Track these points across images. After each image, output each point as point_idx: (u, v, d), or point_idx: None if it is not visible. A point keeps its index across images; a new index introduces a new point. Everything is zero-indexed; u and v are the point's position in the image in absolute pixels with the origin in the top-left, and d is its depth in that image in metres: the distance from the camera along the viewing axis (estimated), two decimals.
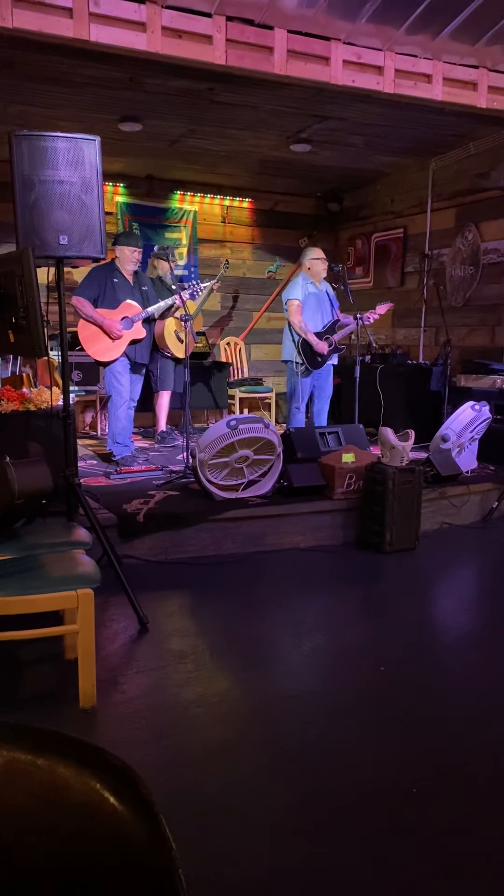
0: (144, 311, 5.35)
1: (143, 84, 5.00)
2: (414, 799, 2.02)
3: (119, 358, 5.27)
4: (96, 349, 5.25)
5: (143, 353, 5.48)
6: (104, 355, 5.27)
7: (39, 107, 5.56)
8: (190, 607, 3.56)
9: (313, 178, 7.88)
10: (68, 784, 0.50)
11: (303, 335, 5.72)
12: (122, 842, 0.48)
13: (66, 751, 0.52)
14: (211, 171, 7.60)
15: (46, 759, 0.51)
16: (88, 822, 0.48)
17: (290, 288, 5.95)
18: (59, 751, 0.52)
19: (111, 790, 0.50)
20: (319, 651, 3.04)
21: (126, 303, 5.32)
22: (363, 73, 4.68)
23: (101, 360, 5.30)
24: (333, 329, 5.81)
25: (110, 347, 5.26)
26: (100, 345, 5.24)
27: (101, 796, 0.49)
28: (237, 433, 4.10)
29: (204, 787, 2.08)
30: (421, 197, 7.33)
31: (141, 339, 5.39)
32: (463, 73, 4.99)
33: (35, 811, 0.49)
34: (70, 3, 3.87)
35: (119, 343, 5.26)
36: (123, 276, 5.35)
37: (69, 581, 2.50)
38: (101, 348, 5.25)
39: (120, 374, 5.31)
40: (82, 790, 0.50)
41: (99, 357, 5.27)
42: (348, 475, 4.43)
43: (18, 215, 3.12)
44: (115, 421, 5.40)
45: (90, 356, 5.30)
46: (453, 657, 3.01)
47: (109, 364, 5.29)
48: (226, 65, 4.30)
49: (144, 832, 0.48)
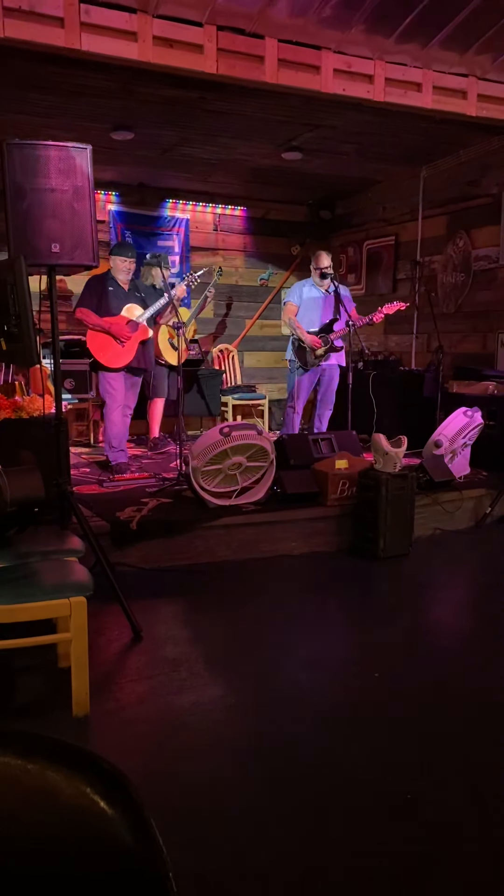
0: (147, 310, 5.43)
1: (134, 93, 5.02)
2: (409, 805, 2.02)
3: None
4: (109, 356, 5.28)
5: (142, 358, 5.49)
6: (117, 361, 5.30)
7: (31, 115, 5.57)
8: (183, 615, 3.56)
9: (305, 185, 7.92)
10: (59, 789, 0.50)
11: (294, 333, 5.89)
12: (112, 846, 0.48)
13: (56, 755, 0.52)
14: (203, 180, 7.62)
15: (36, 764, 0.51)
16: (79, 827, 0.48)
17: (290, 290, 6.22)
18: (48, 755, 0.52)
19: (101, 794, 0.50)
20: (313, 658, 3.03)
21: (128, 307, 5.38)
22: (353, 82, 4.71)
23: (114, 367, 5.31)
24: (329, 328, 5.83)
25: (121, 352, 5.29)
26: (111, 351, 5.27)
27: (91, 801, 0.49)
28: (230, 440, 4.10)
29: (197, 794, 2.07)
30: (412, 204, 7.37)
31: (148, 339, 5.44)
32: (453, 82, 5.03)
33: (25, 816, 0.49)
34: (61, 12, 3.89)
35: (129, 346, 5.30)
36: (119, 284, 5.41)
37: (62, 589, 2.49)
38: (113, 355, 5.28)
39: (113, 379, 5.33)
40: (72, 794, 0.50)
41: (113, 364, 5.30)
42: (341, 481, 4.43)
43: (10, 223, 3.12)
44: (111, 426, 5.43)
45: (104, 364, 5.31)
46: (447, 663, 3.01)
47: (114, 370, 5.31)
48: (217, 73, 4.32)
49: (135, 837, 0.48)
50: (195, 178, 7.58)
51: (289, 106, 5.20)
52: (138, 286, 5.63)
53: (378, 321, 5.74)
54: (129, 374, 5.42)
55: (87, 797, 0.50)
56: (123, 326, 5.28)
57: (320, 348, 5.78)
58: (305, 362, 5.88)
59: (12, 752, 0.51)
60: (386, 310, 5.70)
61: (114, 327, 5.24)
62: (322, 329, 5.84)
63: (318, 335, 5.80)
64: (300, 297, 5.93)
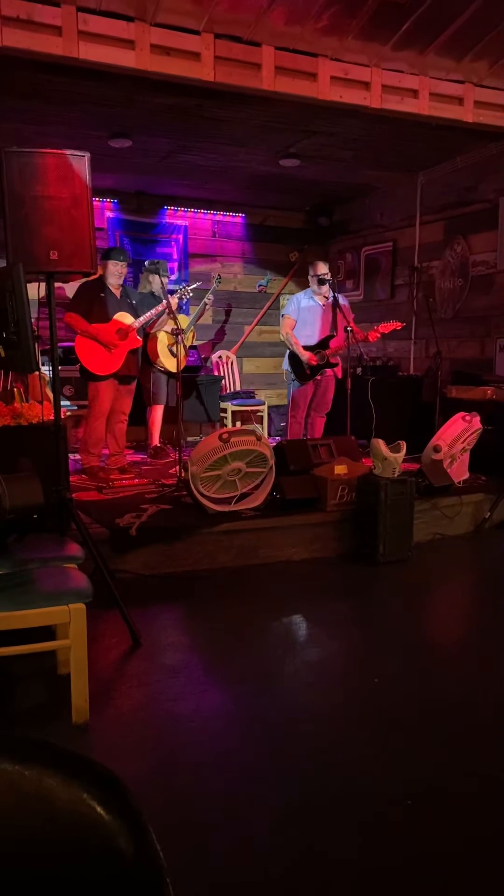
0: (137, 320, 5.44)
1: (132, 101, 5.03)
2: (409, 810, 2.01)
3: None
4: (96, 364, 5.29)
5: (132, 366, 5.51)
6: (105, 368, 5.31)
7: (30, 124, 5.59)
8: (183, 621, 3.55)
9: (303, 192, 7.93)
10: (55, 794, 0.50)
11: (290, 347, 5.90)
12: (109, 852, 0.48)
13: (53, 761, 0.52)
14: (201, 187, 7.64)
15: (33, 770, 0.51)
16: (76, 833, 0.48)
17: (287, 302, 6.26)
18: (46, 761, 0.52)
19: (99, 800, 0.50)
20: (313, 664, 3.03)
21: (119, 314, 5.39)
22: (350, 89, 4.74)
23: (102, 374, 5.32)
24: (326, 343, 5.86)
25: (109, 360, 5.30)
26: (99, 359, 5.28)
27: (88, 806, 0.49)
28: (229, 446, 4.10)
29: (196, 801, 2.06)
30: (410, 210, 7.39)
31: (137, 349, 5.45)
32: (449, 89, 5.05)
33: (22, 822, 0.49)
34: (59, 21, 3.91)
35: (117, 354, 5.31)
36: (111, 290, 5.42)
37: (61, 596, 2.49)
38: (101, 362, 5.29)
39: (100, 387, 5.37)
40: (69, 800, 0.50)
41: (100, 371, 5.31)
42: (341, 487, 4.43)
43: (8, 231, 3.13)
44: (91, 432, 5.47)
45: (92, 371, 5.31)
46: (447, 668, 3.01)
47: (102, 377, 5.32)
48: (214, 81, 4.35)
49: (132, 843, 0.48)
50: (193, 185, 7.61)
51: (286, 113, 5.22)
52: (129, 293, 5.65)
53: (373, 340, 5.76)
54: (117, 382, 5.44)
55: (85, 803, 0.50)
56: (112, 334, 5.29)
57: (315, 364, 5.83)
58: (301, 375, 5.92)
59: (9, 758, 0.51)
60: (382, 328, 5.73)
61: (102, 334, 5.25)
62: (318, 345, 5.86)
63: (314, 351, 5.82)
64: (297, 310, 5.96)
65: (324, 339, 5.90)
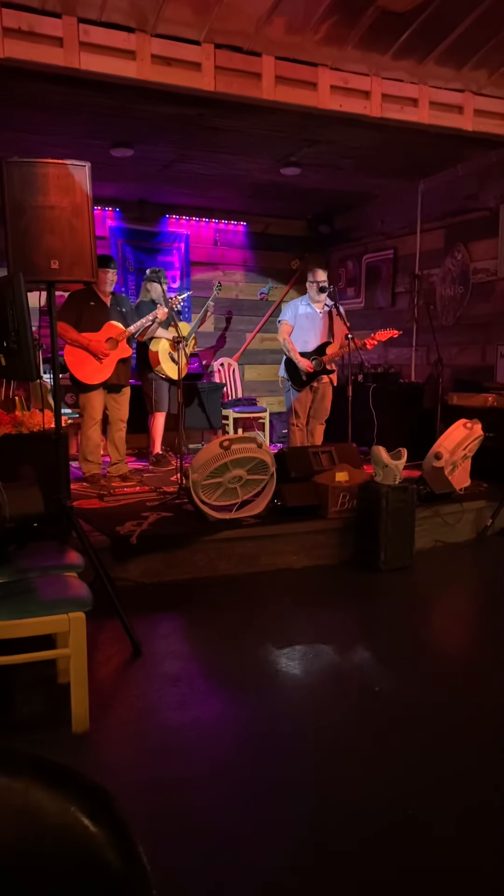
0: (128, 328, 5.47)
1: (133, 110, 5.06)
2: (409, 820, 2.00)
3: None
4: (85, 373, 5.30)
5: (122, 375, 5.52)
6: (94, 378, 5.33)
7: (32, 133, 5.62)
8: (184, 630, 3.55)
9: (304, 200, 7.97)
10: (42, 806, 0.50)
11: (287, 354, 5.93)
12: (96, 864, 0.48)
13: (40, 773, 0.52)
14: (202, 195, 7.68)
15: (21, 782, 0.51)
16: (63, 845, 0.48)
17: (284, 308, 6.20)
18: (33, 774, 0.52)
19: (86, 812, 0.50)
20: (314, 672, 3.02)
21: (109, 324, 5.41)
22: (350, 98, 4.76)
23: (91, 384, 5.33)
24: (323, 350, 5.86)
25: (99, 369, 5.31)
26: (88, 368, 5.30)
27: (74, 818, 0.49)
28: (230, 453, 4.10)
29: (196, 811, 2.05)
30: (410, 218, 7.41)
31: (128, 358, 5.48)
32: (449, 97, 5.07)
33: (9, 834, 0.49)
34: (61, 32, 3.94)
35: (107, 364, 5.33)
36: (101, 298, 5.44)
37: (61, 605, 2.48)
38: (90, 371, 5.30)
39: (90, 396, 5.40)
40: (56, 812, 0.49)
41: (89, 380, 5.32)
42: (342, 494, 4.43)
43: (10, 240, 3.14)
44: (86, 440, 5.50)
45: (80, 380, 5.33)
46: (448, 675, 3.00)
47: (91, 386, 5.34)
48: (215, 91, 4.37)
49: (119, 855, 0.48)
50: (195, 194, 7.64)
51: (286, 122, 5.25)
52: (120, 301, 5.67)
53: (371, 347, 5.79)
54: (106, 391, 5.46)
55: (71, 815, 0.50)
56: (103, 343, 5.30)
57: (311, 371, 5.84)
58: (297, 382, 5.94)
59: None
60: (379, 336, 5.75)
61: (93, 344, 5.27)
62: (315, 351, 5.87)
63: (310, 358, 5.83)
64: (294, 317, 5.97)
65: (321, 345, 5.90)
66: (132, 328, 5.50)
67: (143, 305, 6.08)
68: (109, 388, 5.47)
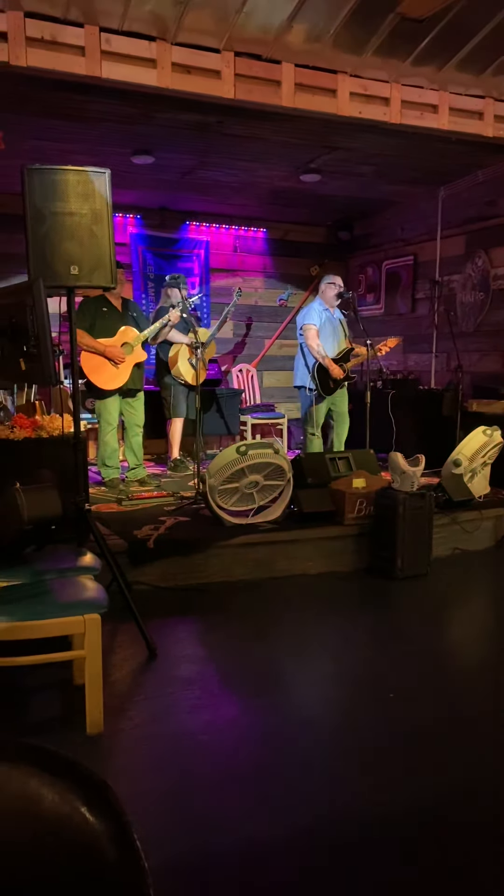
0: (142, 332, 5.51)
1: (154, 118, 5.11)
2: (423, 829, 1.99)
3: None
4: (103, 378, 5.34)
5: (137, 379, 5.56)
6: (110, 383, 5.37)
7: (54, 141, 5.69)
8: (199, 634, 3.55)
9: (324, 207, 7.98)
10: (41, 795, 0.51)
11: (319, 360, 5.78)
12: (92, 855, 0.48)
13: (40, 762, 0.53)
14: (222, 202, 7.72)
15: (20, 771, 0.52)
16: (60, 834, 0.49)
17: (305, 312, 6.04)
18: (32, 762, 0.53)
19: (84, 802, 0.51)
20: (328, 678, 3.01)
21: (123, 329, 5.45)
22: (370, 105, 4.77)
23: (107, 389, 5.37)
24: (348, 357, 5.85)
25: (115, 375, 5.36)
26: (105, 373, 5.34)
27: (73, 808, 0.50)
28: (247, 458, 4.11)
29: (208, 815, 2.06)
30: (430, 224, 7.39)
31: (142, 363, 5.53)
32: (469, 103, 5.07)
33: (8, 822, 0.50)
34: (83, 41, 3.99)
35: (123, 369, 5.37)
36: (112, 304, 5.48)
37: (76, 606, 2.50)
38: (108, 377, 5.34)
39: (107, 402, 5.43)
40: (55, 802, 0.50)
41: (106, 386, 5.36)
42: (359, 500, 4.42)
43: (30, 246, 3.18)
44: (104, 445, 5.54)
45: (97, 386, 5.37)
46: (464, 684, 2.97)
47: (108, 392, 5.39)
48: (235, 98, 4.41)
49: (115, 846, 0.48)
50: (215, 201, 7.68)
51: (306, 129, 5.26)
52: (131, 306, 5.71)
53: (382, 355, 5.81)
54: (121, 396, 5.49)
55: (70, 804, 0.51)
56: (118, 348, 5.35)
57: (341, 377, 5.80)
58: (326, 389, 5.85)
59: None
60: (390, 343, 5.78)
61: (109, 349, 5.31)
62: (342, 357, 5.84)
63: (337, 363, 5.80)
64: (320, 320, 5.91)
65: (345, 352, 5.87)
66: (146, 332, 5.54)
67: (163, 311, 6.12)
68: (124, 394, 5.51)
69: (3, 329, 3.07)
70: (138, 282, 7.86)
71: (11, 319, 3.03)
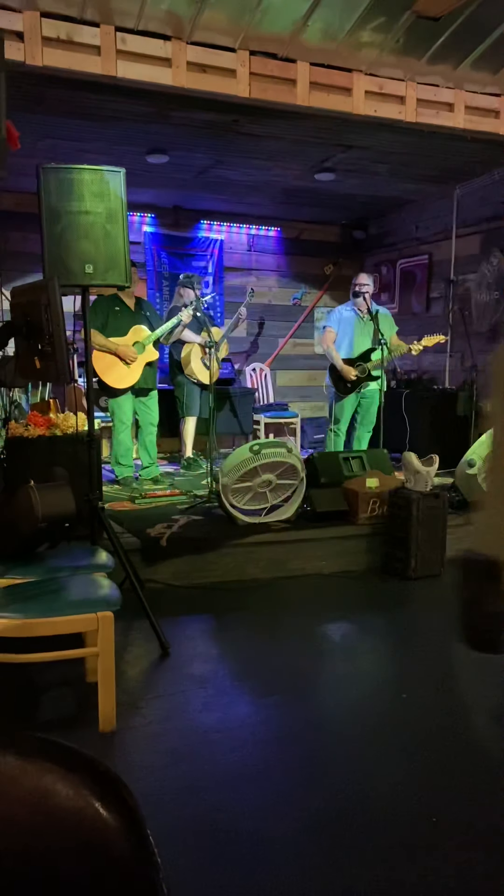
0: (155, 331, 5.52)
1: (169, 117, 5.12)
2: (433, 828, 1.98)
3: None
4: (114, 377, 5.36)
5: (149, 378, 5.57)
6: (122, 382, 5.39)
7: (70, 140, 5.71)
8: (211, 632, 3.56)
9: (338, 206, 7.95)
10: (55, 790, 0.51)
11: (331, 360, 5.88)
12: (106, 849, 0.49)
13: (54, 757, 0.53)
14: (237, 201, 7.71)
15: (34, 765, 0.52)
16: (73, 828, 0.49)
17: (329, 314, 6.23)
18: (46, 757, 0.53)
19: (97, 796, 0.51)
20: (341, 678, 3.01)
21: (135, 328, 5.46)
22: (385, 103, 4.75)
23: (119, 388, 5.39)
24: (367, 356, 5.81)
25: (126, 374, 5.37)
26: (117, 372, 5.35)
27: (86, 802, 0.50)
28: (260, 457, 4.11)
29: (220, 812, 2.06)
30: (445, 223, 7.35)
31: (154, 361, 5.54)
32: (485, 102, 5.03)
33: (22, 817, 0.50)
34: (98, 41, 4.00)
35: (135, 367, 5.38)
36: (125, 303, 5.49)
37: (90, 604, 2.51)
38: (119, 376, 5.36)
39: (119, 400, 5.45)
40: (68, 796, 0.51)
41: (118, 384, 5.38)
42: (372, 500, 4.41)
43: (45, 245, 3.20)
44: (117, 444, 5.56)
45: (109, 385, 5.39)
46: (477, 686, 2.96)
47: (120, 390, 5.40)
48: (250, 97, 4.40)
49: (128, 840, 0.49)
50: (229, 200, 7.68)
51: (321, 128, 5.25)
52: (144, 305, 5.72)
53: (416, 353, 5.72)
54: (134, 395, 5.51)
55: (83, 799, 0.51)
56: (130, 347, 5.36)
57: (353, 377, 5.79)
58: (342, 388, 5.87)
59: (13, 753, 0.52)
60: (426, 342, 5.68)
61: (121, 348, 5.33)
62: (360, 357, 5.82)
63: (354, 364, 5.79)
64: (339, 322, 5.93)
65: (365, 351, 5.86)
66: (157, 331, 5.55)
67: (176, 311, 6.13)
68: (137, 393, 5.52)
69: (19, 327, 3.09)
70: (153, 280, 7.87)
71: (27, 318, 3.04)
